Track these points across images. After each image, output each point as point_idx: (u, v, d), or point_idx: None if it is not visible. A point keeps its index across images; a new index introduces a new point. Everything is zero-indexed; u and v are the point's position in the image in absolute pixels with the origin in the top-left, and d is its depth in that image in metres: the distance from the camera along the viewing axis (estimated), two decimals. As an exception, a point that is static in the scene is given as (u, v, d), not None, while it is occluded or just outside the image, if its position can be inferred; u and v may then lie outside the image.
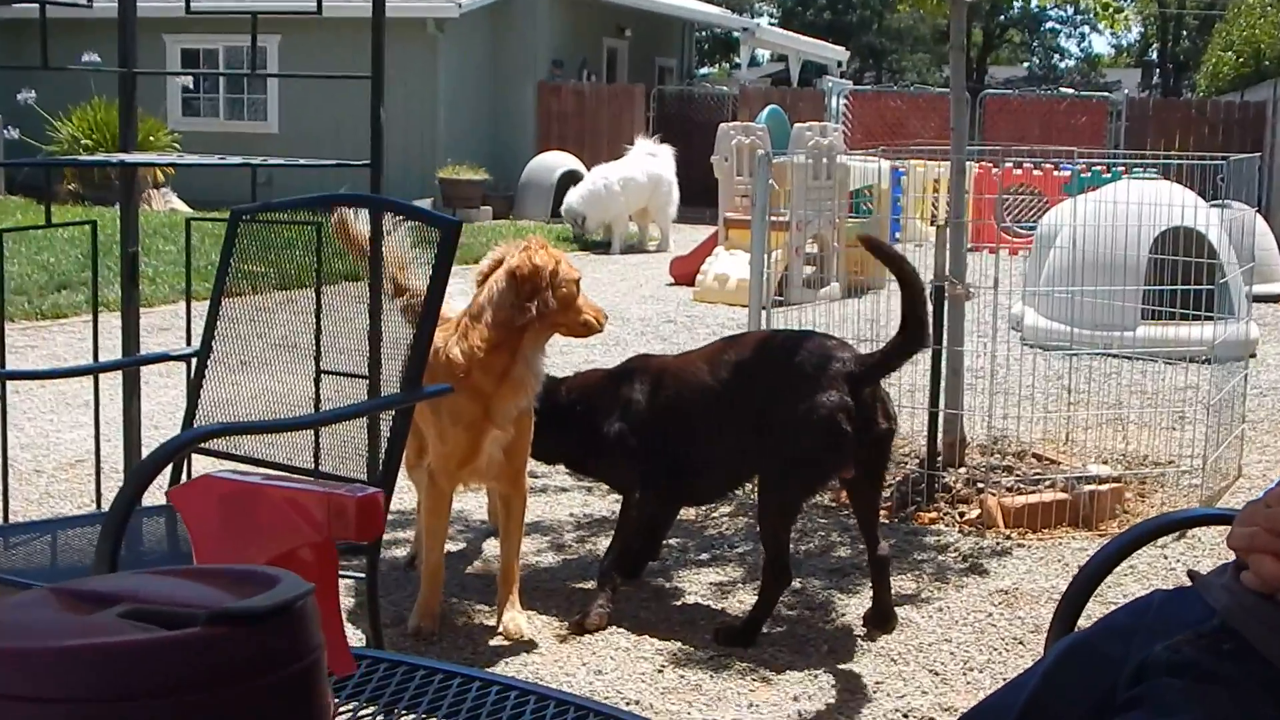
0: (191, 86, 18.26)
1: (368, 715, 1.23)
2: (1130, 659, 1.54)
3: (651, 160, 14.22)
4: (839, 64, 25.39)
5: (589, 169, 15.00)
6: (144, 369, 3.81)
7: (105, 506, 2.47)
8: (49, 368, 6.31)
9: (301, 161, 3.47)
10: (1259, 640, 1.44)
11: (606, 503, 4.76)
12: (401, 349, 2.79)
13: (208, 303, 3.02)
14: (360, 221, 3.11)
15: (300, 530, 0.71)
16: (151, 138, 14.43)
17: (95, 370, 3.12)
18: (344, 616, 3.65)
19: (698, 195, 15.23)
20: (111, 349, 3.74)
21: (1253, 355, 7.25)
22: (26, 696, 0.42)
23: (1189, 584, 1.63)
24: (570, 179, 15.71)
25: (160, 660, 0.43)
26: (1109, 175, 10.02)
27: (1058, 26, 50.04)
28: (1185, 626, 1.52)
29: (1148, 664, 1.51)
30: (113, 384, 3.82)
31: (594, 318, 3.52)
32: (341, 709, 1.23)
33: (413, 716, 1.24)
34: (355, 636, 3.35)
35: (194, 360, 2.95)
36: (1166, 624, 1.55)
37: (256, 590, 0.49)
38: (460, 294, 3.54)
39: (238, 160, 3.24)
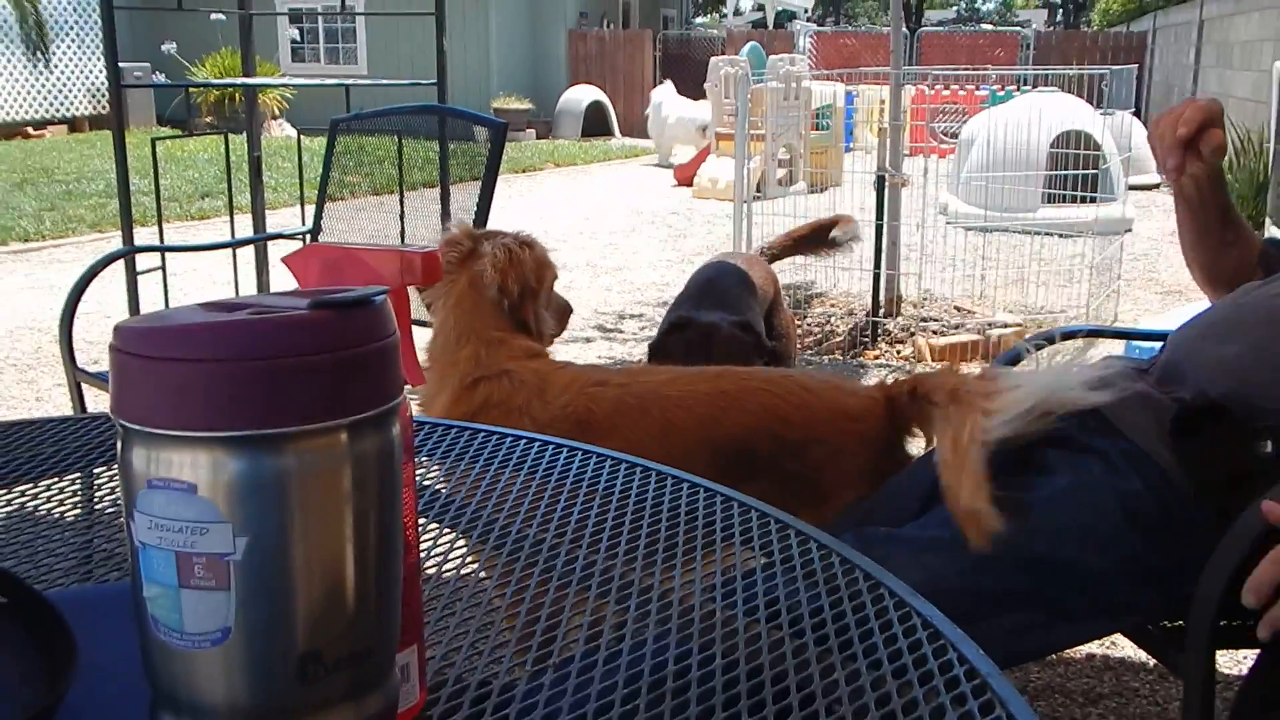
0: (298, 38, 17.93)
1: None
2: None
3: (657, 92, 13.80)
4: (805, 10, 24.72)
5: (610, 99, 14.66)
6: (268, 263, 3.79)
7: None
8: (196, 242, 6.25)
9: (383, 81, 3.45)
10: (1114, 414, 1.43)
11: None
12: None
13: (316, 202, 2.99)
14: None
15: (380, 281, 0.75)
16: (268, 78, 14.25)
17: (233, 245, 3.15)
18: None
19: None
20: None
21: (1128, 230, 7.18)
22: (192, 358, 0.47)
23: None
24: (595, 108, 15.42)
25: (284, 331, 0.47)
26: (1019, 92, 9.81)
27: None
28: None
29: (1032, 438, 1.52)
30: (247, 267, 3.83)
31: None
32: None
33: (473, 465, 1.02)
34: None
35: (308, 237, 2.97)
36: None
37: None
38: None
39: (334, 81, 3.22)
